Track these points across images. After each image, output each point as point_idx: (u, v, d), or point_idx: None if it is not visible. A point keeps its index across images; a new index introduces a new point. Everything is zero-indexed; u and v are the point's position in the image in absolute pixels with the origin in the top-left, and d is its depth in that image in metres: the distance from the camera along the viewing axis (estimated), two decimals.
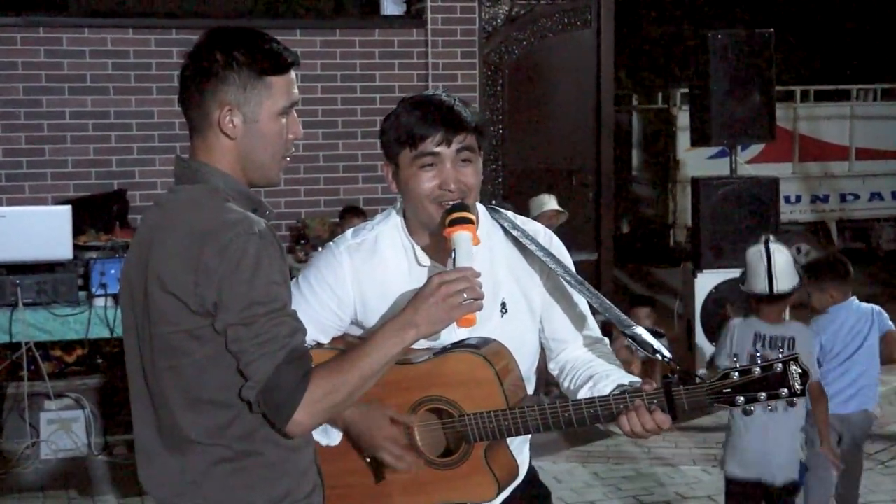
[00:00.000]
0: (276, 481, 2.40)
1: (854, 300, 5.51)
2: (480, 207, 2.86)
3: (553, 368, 2.92)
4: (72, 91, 8.06)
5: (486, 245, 2.79)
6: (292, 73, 2.45)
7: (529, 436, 2.97)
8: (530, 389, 2.84)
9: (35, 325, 6.20)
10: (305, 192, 8.50)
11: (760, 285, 4.94)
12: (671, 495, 6.30)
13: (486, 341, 2.70)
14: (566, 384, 2.85)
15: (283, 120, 2.44)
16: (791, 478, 4.87)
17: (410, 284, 2.69)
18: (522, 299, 2.83)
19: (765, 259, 4.96)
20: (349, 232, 2.89)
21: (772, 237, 5.14)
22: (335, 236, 2.96)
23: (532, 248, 2.79)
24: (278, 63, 2.41)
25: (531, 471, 3.00)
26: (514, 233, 2.83)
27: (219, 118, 2.39)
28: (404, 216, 2.82)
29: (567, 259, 2.86)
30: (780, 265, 4.94)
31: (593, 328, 2.91)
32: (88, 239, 6.96)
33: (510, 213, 2.90)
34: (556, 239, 2.90)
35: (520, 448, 2.91)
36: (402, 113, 2.72)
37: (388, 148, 2.75)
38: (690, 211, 9.18)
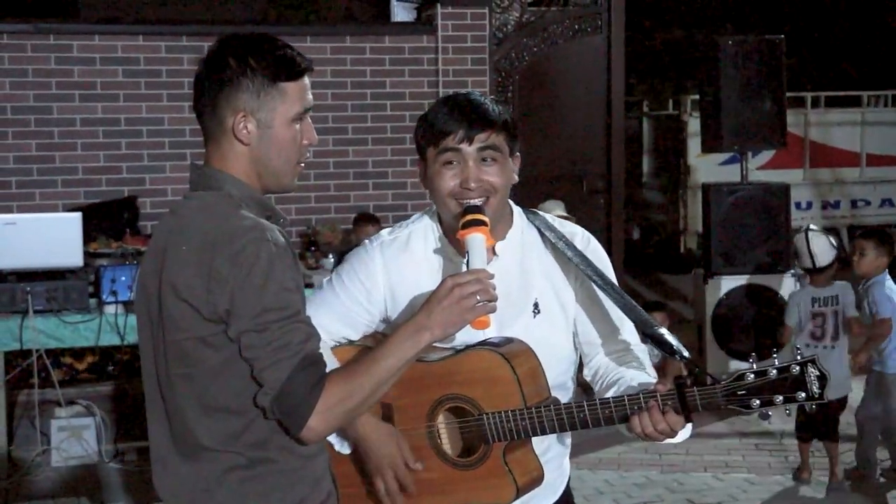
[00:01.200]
0: (290, 489, 2.39)
1: (885, 275, 6.41)
2: (516, 209, 2.86)
3: (587, 374, 2.89)
4: (82, 98, 8.07)
5: (519, 246, 2.80)
6: (306, 79, 2.45)
7: (568, 448, 2.95)
8: (565, 396, 2.79)
9: (46, 332, 6.21)
10: (316, 199, 8.49)
11: (807, 262, 6.49)
12: (682, 502, 6.27)
13: (508, 340, 2.69)
14: (596, 389, 2.83)
15: (297, 126, 2.44)
16: (842, 393, 6.25)
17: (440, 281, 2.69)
18: (556, 302, 2.80)
19: (805, 243, 6.44)
20: (385, 230, 2.92)
21: (810, 225, 6.70)
22: (346, 243, 2.97)
23: (566, 251, 2.77)
24: (292, 69, 2.41)
25: (567, 491, 2.98)
26: (550, 235, 2.81)
27: (233, 125, 2.39)
28: (438, 216, 2.83)
29: (604, 261, 2.83)
30: (818, 246, 6.42)
31: (629, 334, 2.85)
32: (99, 246, 6.97)
33: (548, 216, 2.89)
34: (593, 241, 2.87)
35: (558, 461, 2.90)
36: (431, 110, 2.73)
37: (418, 145, 2.76)
38: (701, 217, 9.17)
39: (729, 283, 8.36)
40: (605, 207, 9.50)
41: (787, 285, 8.37)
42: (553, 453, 2.87)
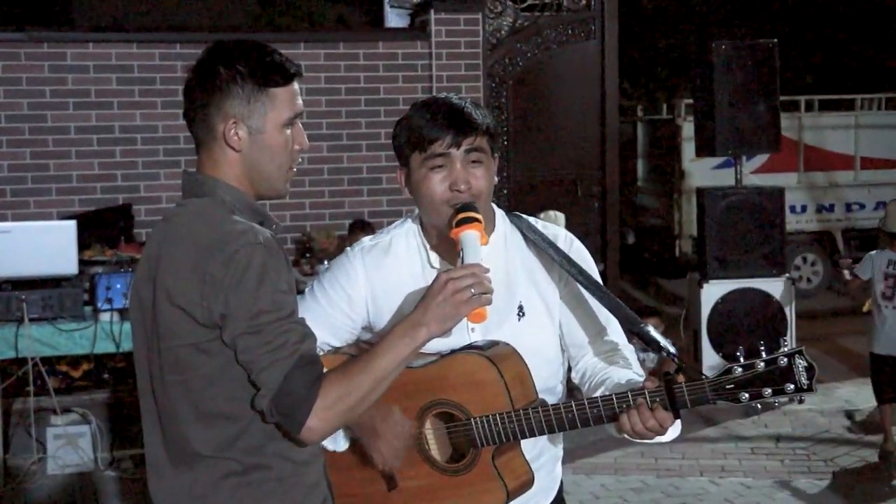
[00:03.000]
0: (284, 495, 2.39)
1: None
2: (499, 212, 2.86)
3: (574, 376, 2.88)
4: (76, 106, 8.07)
5: (503, 248, 2.80)
6: (296, 85, 2.46)
7: (560, 453, 2.95)
8: (553, 400, 2.77)
9: (41, 340, 6.21)
10: (310, 206, 8.50)
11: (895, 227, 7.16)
12: None
13: (493, 344, 2.68)
14: (584, 390, 2.81)
15: (288, 131, 2.45)
16: None
17: (423, 286, 2.66)
18: (541, 304, 2.80)
19: None
20: (367, 237, 2.92)
21: None
22: (342, 250, 2.96)
23: (550, 252, 2.77)
24: (281, 74, 2.42)
25: (559, 497, 2.97)
26: (533, 237, 2.81)
27: (224, 131, 2.40)
28: (420, 221, 2.83)
29: (587, 262, 2.82)
30: None
31: (616, 335, 2.84)
32: (94, 254, 6.97)
33: (531, 219, 2.88)
34: (577, 242, 2.86)
35: (550, 466, 2.89)
36: (412, 116, 2.72)
37: (400, 151, 2.75)
38: (696, 221, 9.18)
39: (724, 287, 8.36)
40: (600, 212, 9.51)
41: (782, 289, 8.38)
42: (545, 458, 2.86)
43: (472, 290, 2.35)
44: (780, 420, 7.81)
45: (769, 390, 2.46)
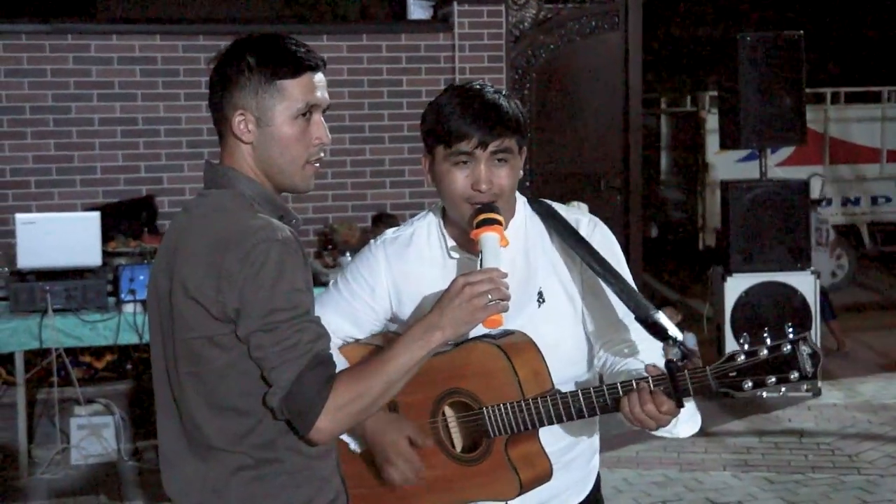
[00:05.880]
0: (297, 489, 2.39)
1: None
2: (520, 198, 2.82)
3: (596, 364, 2.84)
4: (100, 98, 8.10)
5: (522, 234, 2.77)
6: (314, 76, 2.43)
7: (597, 444, 2.91)
8: (568, 388, 2.71)
9: (65, 331, 6.24)
10: (333, 198, 8.50)
11: None
12: (701, 501, 6.25)
13: (508, 333, 2.65)
14: (604, 379, 2.78)
15: (302, 124, 2.42)
16: None
17: (444, 277, 2.66)
18: (561, 290, 2.76)
19: None
20: (390, 230, 2.92)
21: None
22: (364, 242, 2.97)
23: (569, 239, 2.74)
24: (292, 66, 2.39)
25: (595, 491, 2.93)
26: (553, 223, 2.78)
27: (232, 122, 2.40)
28: (442, 212, 2.81)
29: (611, 246, 2.77)
30: None
31: (636, 324, 2.77)
32: (117, 245, 7.00)
33: (554, 204, 2.84)
34: (600, 227, 2.81)
35: (584, 458, 2.86)
36: (443, 105, 2.67)
37: (426, 139, 2.73)
38: (720, 214, 9.14)
39: (748, 280, 8.31)
40: (623, 205, 9.48)
41: (806, 283, 8.33)
42: (577, 451, 2.83)
43: (490, 296, 2.34)
44: (804, 415, 7.77)
45: (773, 378, 2.41)
